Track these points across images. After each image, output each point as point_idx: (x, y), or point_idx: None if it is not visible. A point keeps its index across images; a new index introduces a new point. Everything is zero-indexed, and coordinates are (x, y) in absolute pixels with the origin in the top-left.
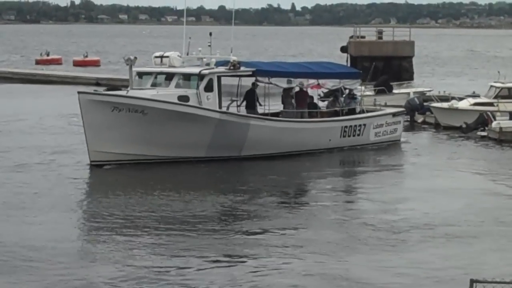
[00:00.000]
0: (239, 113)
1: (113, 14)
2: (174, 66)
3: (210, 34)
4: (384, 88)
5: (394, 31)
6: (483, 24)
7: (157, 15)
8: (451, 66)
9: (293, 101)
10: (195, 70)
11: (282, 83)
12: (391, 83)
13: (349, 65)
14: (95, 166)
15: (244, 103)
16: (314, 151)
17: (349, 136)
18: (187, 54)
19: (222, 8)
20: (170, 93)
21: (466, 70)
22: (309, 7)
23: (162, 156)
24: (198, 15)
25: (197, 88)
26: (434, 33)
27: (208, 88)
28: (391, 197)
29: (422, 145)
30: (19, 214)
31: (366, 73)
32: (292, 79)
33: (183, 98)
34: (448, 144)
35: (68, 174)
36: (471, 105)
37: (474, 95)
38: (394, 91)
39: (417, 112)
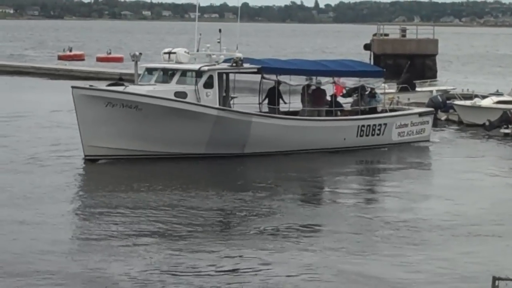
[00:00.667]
0: (239, 110)
1: (137, 10)
2: (181, 62)
3: (220, 30)
4: (407, 86)
5: (417, 29)
6: (507, 22)
7: (180, 11)
8: (475, 64)
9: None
10: (195, 66)
11: (297, 81)
12: (414, 81)
13: (372, 63)
14: (89, 160)
15: (266, 100)
16: (327, 150)
17: (367, 135)
18: (197, 51)
19: (245, 5)
20: (167, 89)
21: (490, 68)
22: (333, 4)
23: (160, 152)
24: (221, 11)
25: (196, 84)
26: (458, 31)
27: (208, 84)
28: (412, 195)
29: (445, 143)
30: (15, 212)
31: (389, 71)
32: (312, 77)
33: (181, 95)
34: (471, 142)
35: (63, 169)
36: (494, 103)
37: (497, 93)
38: (417, 89)
39: (440, 110)
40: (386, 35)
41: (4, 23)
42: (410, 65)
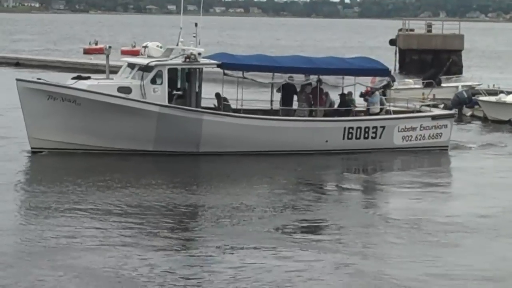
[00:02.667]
0: (186, 107)
1: (162, 4)
2: (152, 57)
3: (196, 24)
4: (432, 82)
5: (443, 24)
6: None
7: (205, 6)
8: (502, 60)
9: (302, 98)
10: (145, 61)
11: (270, 78)
12: (440, 77)
13: (397, 58)
14: (34, 152)
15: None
16: (306, 152)
17: (357, 138)
18: (177, 45)
19: None
20: (111, 84)
21: None
22: None
23: (105, 147)
24: (246, 6)
25: (142, 79)
26: (484, 27)
27: (156, 80)
28: (435, 194)
29: (469, 139)
30: None
31: (414, 66)
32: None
33: (124, 90)
34: (496, 138)
35: (8, 161)
36: None
37: None
38: (443, 84)
39: (465, 106)
40: (412, 30)
41: (30, 16)
42: (434, 60)
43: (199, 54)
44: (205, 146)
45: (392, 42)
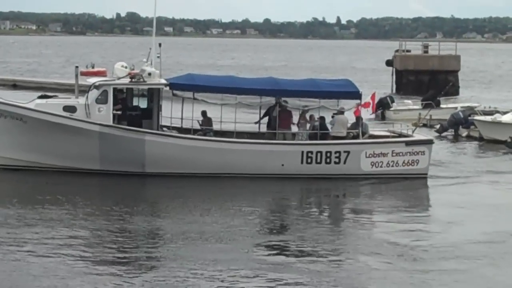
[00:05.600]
0: (126, 127)
1: (158, 26)
2: (119, 77)
3: (160, 45)
4: (431, 103)
5: (440, 45)
6: None
7: (202, 27)
8: (498, 81)
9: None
10: (93, 80)
11: (227, 100)
12: (439, 98)
13: (394, 79)
14: None
15: (266, 120)
16: (259, 175)
17: (318, 162)
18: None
19: (267, 21)
20: (57, 103)
21: None
22: (355, 20)
23: (53, 165)
24: (243, 28)
25: (87, 99)
26: (480, 47)
27: (102, 99)
28: (428, 218)
29: (464, 159)
30: None
31: (411, 87)
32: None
33: (70, 109)
34: (491, 158)
35: None
36: None
37: None
38: (442, 105)
39: (461, 126)
40: (408, 51)
41: (27, 39)
42: (431, 81)
43: (149, 74)
44: (151, 166)
45: (389, 63)
